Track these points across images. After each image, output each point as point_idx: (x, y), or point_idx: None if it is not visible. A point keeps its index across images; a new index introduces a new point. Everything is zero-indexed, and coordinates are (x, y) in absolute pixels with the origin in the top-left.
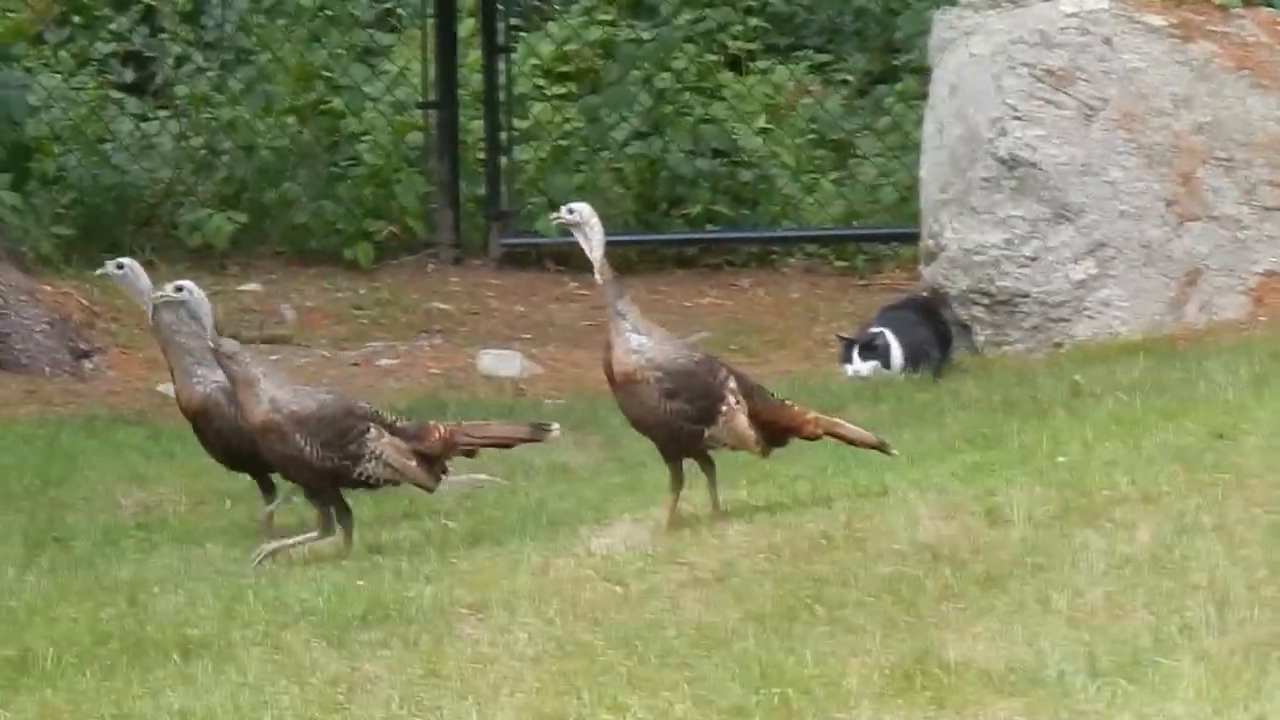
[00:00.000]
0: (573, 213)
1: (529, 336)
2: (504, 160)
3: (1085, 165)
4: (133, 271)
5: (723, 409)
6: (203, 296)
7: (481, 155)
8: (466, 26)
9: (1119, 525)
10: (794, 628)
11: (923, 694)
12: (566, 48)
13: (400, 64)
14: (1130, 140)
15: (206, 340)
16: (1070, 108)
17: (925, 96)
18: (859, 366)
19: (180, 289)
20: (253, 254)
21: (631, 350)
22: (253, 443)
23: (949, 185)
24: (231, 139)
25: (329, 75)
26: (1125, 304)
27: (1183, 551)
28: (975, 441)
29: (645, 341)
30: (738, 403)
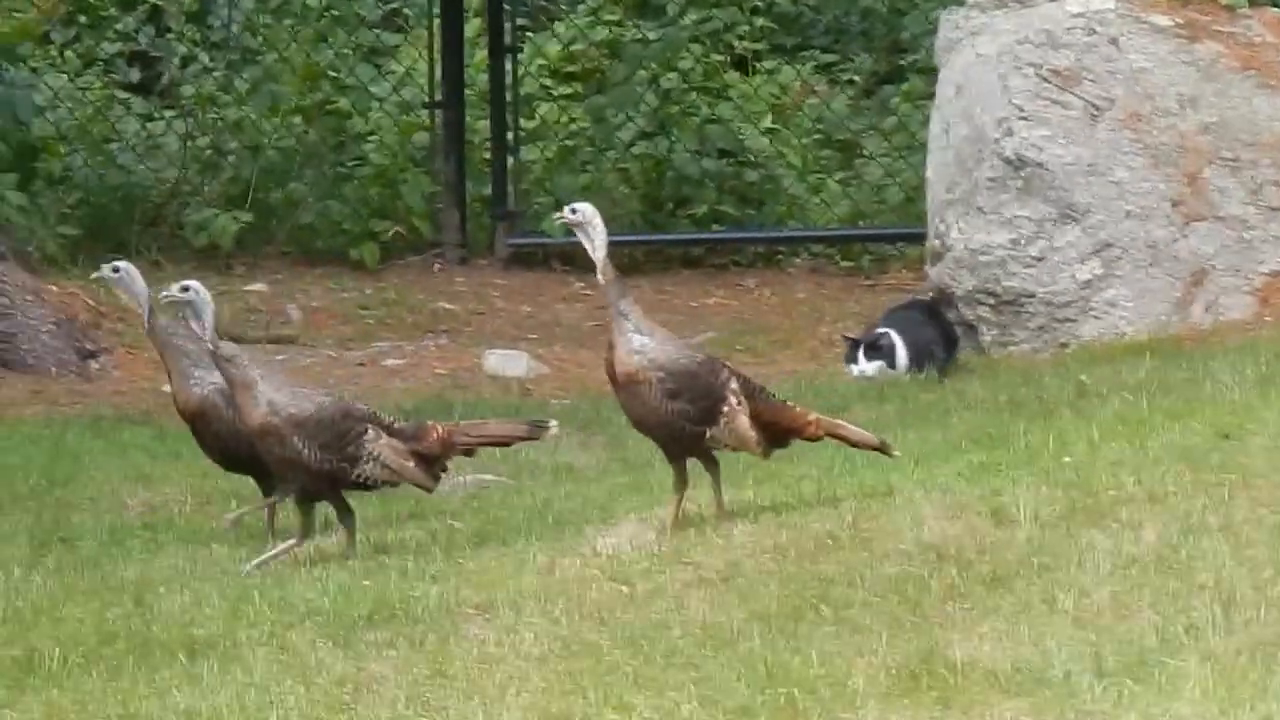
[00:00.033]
0: (575, 213)
1: (535, 337)
2: (510, 160)
3: (1091, 165)
4: (128, 274)
5: (724, 410)
6: (208, 297)
7: (488, 155)
8: (473, 26)
9: (1125, 525)
10: (799, 628)
11: (928, 694)
12: (573, 48)
13: (406, 64)
14: (1136, 140)
15: (205, 342)
16: (1076, 108)
17: (931, 97)
18: (864, 366)
19: (186, 289)
20: (258, 254)
21: (634, 351)
22: (251, 445)
23: (955, 185)
24: (237, 139)
25: (335, 75)
26: (1131, 304)
27: (1189, 552)
28: (981, 441)
29: (647, 342)
30: (739, 404)
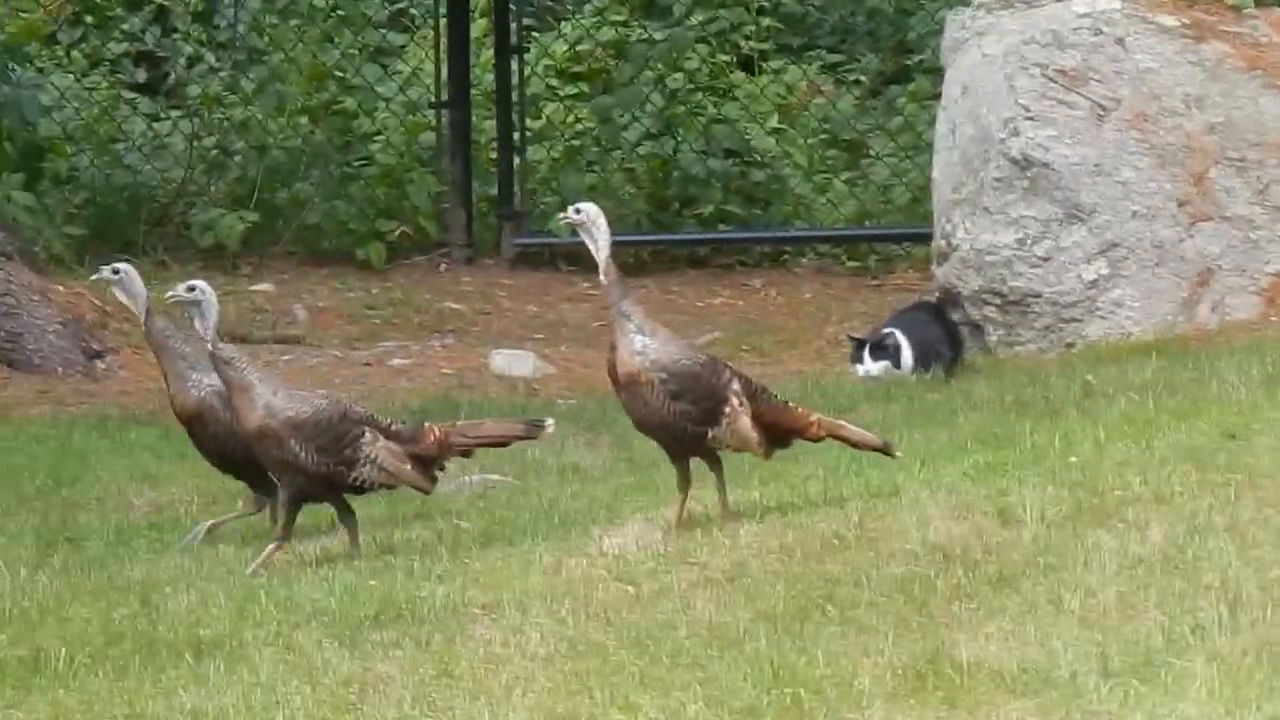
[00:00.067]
0: (579, 213)
1: (541, 336)
2: (516, 160)
3: (1097, 165)
4: (128, 276)
5: (726, 410)
6: (214, 298)
7: (494, 155)
8: (479, 26)
9: (1131, 525)
10: (806, 628)
11: (935, 694)
12: (579, 48)
13: (413, 64)
14: (1142, 140)
15: (206, 343)
16: (1082, 108)
17: (938, 97)
18: (869, 367)
19: (193, 289)
20: (265, 254)
21: (635, 352)
22: (248, 447)
23: (961, 185)
24: (244, 139)
25: (341, 75)
26: (1137, 304)
27: (1195, 552)
28: (987, 442)
29: (649, 343)
30: (741, 404)
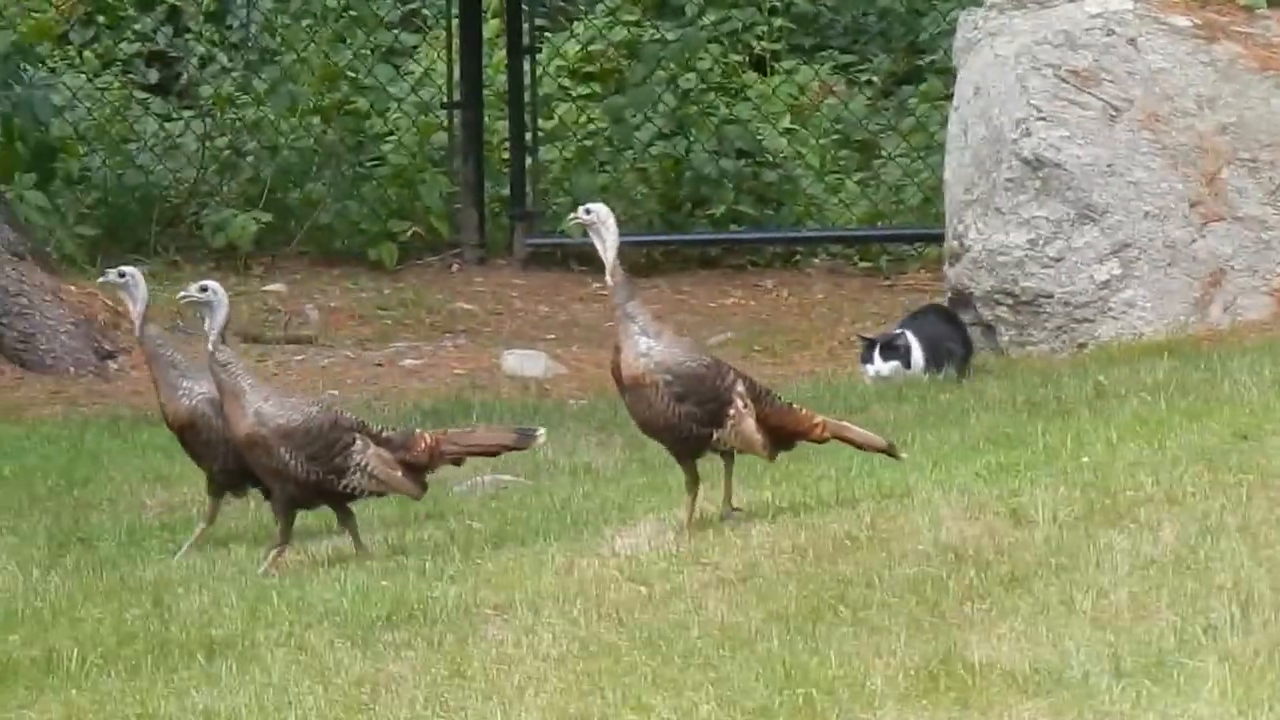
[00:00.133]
0: (589, 213)
1: (553, 337)
2: (528, 160)
3: (1109, 166)
4: (133, 280)
5: (730, 412)
6: (225, 299)
7: (506, 155)
8: (491, 27)
9: (1143, 526)
10: (818, 628)
11: (947, 695)
12: (591, 48)
13: (425, 64)
14: (1154, 141)
15: (208, 343)
16: (1094, 108)
17: (950, 97)
18: (880, 367)
19: (205, 289)
20: (277, 254)
21: (640, 354)
22: (239, 454)
23: (973, 186)
24: (256, 139)
25: (353, 75)
26: (1149, 305)
27: (1207, 552)
28: (999, 442)
29: (654, 345)
30: (745, 406)
